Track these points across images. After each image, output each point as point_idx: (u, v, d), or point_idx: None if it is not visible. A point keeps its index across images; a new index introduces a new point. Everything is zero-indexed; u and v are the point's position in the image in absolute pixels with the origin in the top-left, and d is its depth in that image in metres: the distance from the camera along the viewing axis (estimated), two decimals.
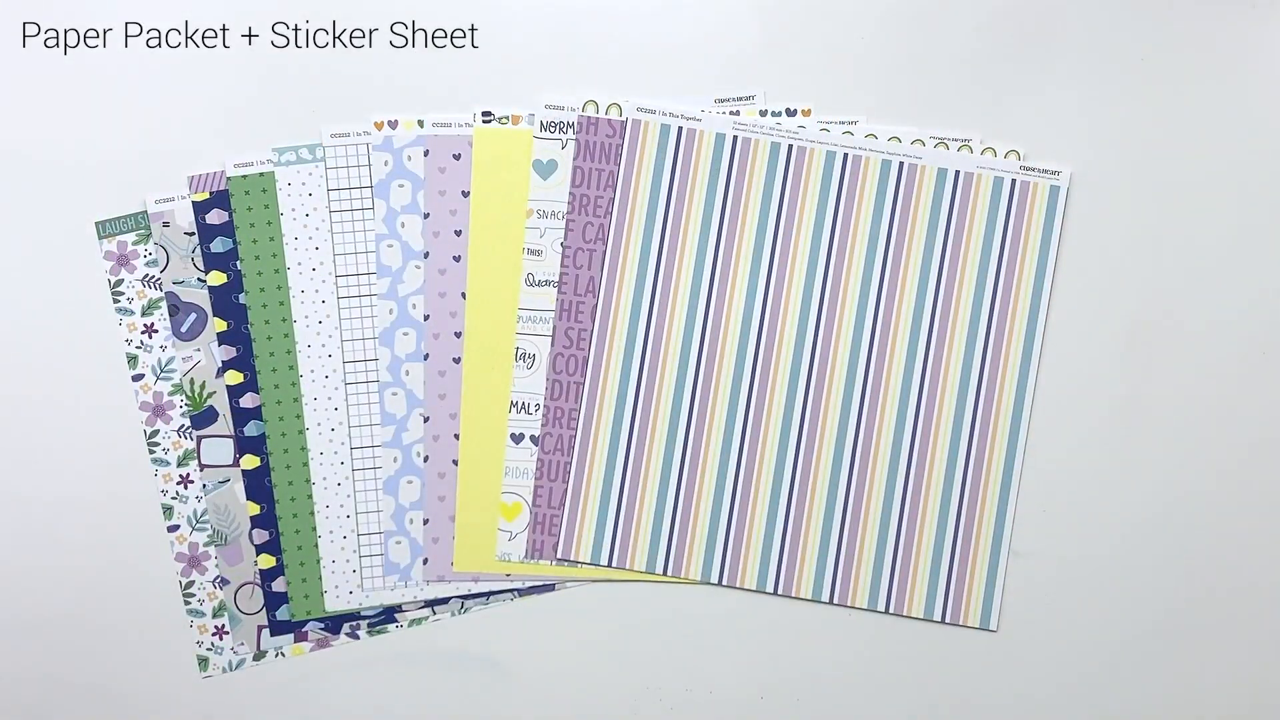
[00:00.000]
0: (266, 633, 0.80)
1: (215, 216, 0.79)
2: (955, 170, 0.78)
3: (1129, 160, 0.79)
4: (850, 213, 0.79)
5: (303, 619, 0.80)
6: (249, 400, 0.79)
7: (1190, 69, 0.79)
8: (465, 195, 0.79)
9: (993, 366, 0.79)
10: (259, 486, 0.80)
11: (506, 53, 0.79)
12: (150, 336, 0.79)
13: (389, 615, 0.80)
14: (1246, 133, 0.79)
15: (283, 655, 0.80)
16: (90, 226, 0.79)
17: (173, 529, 0.80)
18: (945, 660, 0.80)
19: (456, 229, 0.79)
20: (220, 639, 0.80)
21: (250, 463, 0.80)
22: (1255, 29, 0.79)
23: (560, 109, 0.79)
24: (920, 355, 0.79)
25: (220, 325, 0.79)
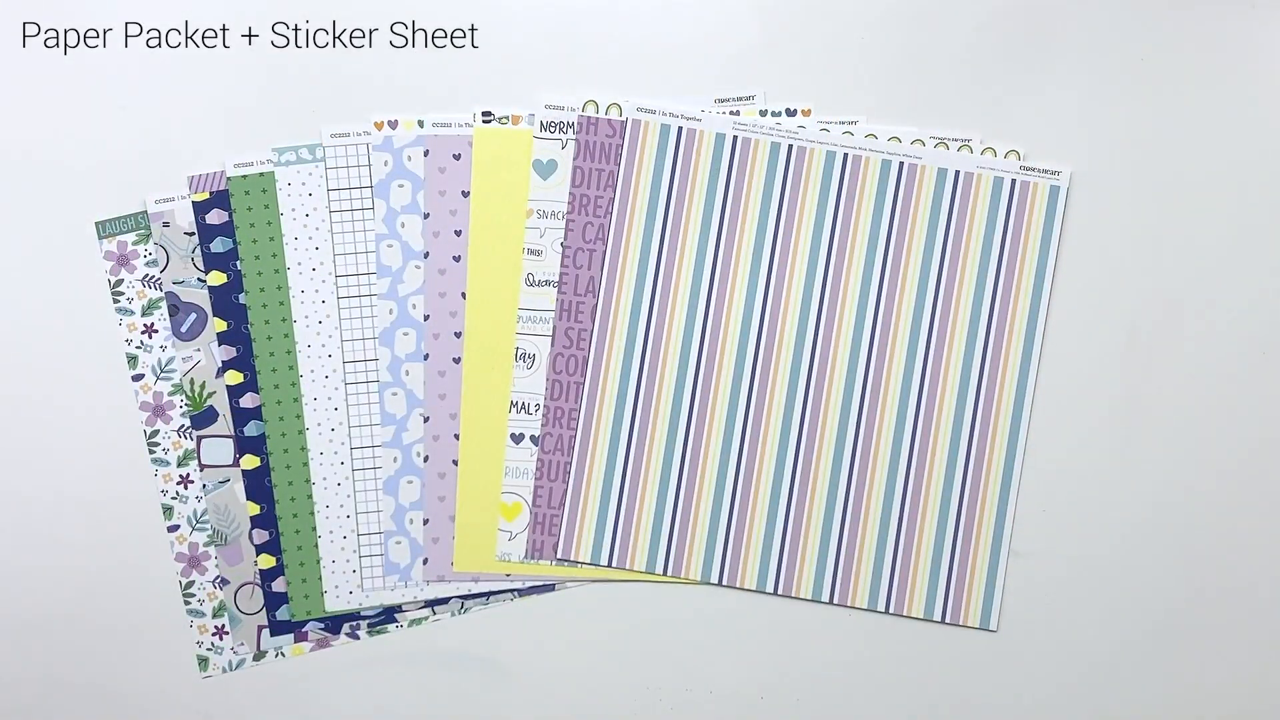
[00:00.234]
0: (266, 633, 0.80)
1: (215, 216, 0.79)
2: (955, 170, 0.78)
3: (1129, 160, 0.79)
4: (850, 213, 0.79)
5: (303, 619, 0.80)
6: (249, 400, 0.79)
7: (1190, 69, 0.79)
8: (465, 195, 0.79)
9: (993, 366, 0.79)
10: (259, 486, 0.80)
11: (506, 53, 0.79)
12: (150, 336, 0.79)
13: (389, 615, 0.80)
14: (1246, 133, 0.79)
15: (283, 655, 0.80)
16: (90, 226, 0.79)
17: (173, 529, 0.80)
18: (945, 660, 0.80)
19: (456, 229, 0.79)
20: (220, 639, 0.80)
21: (250, 463, 0.80)
22: (1255, 29, 0.79)
23: (560, 109, 0.79)
24: (920, 355, 0.79)
25: (220, 325, 0.79)
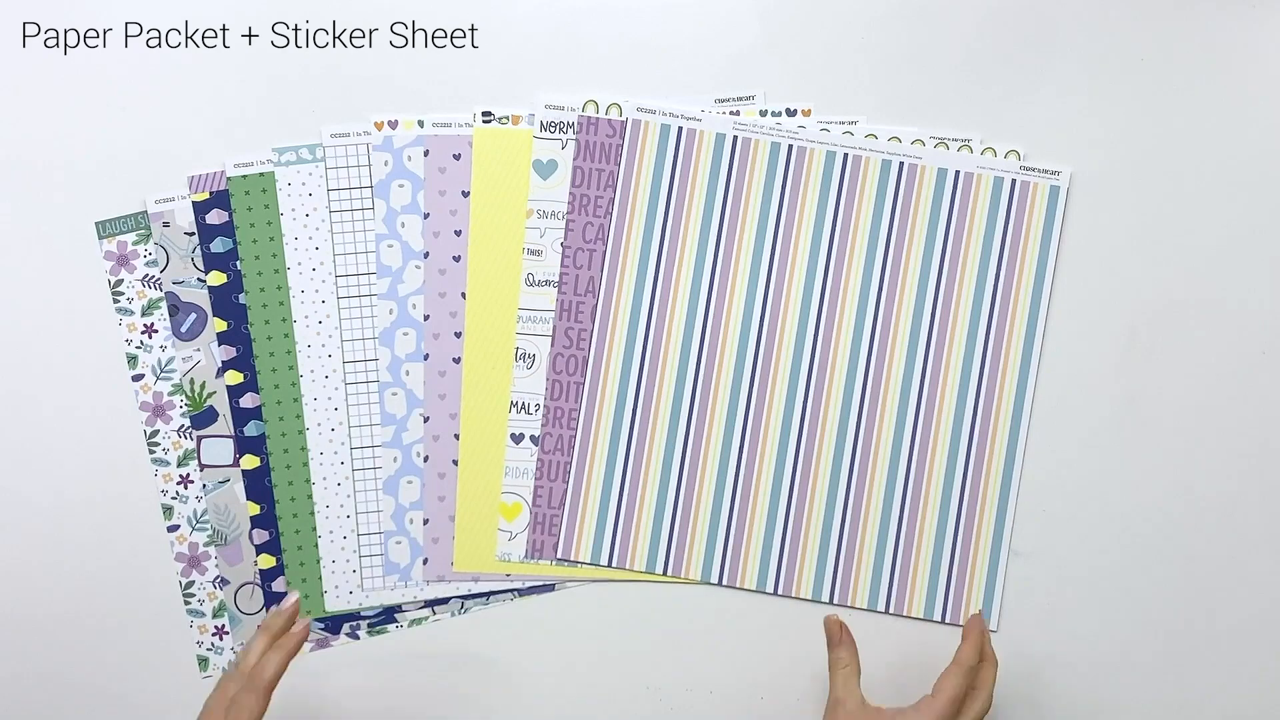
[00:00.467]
0: None
1: (215, 216, 0.79)
2: (955, 170, 0.78)
3: (1128, 160, 0.79)
4: (850, 213, 0.79)
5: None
6: (249, 400, 0.79)
7: (1190, 69, 0.79)
8: (465, 195, 0.79)
9: (993, 366, 0.79)
10: (259, 486, 0.80)
11: (506, 53, 0.79)
12: (150, 336, 0.79)
13: (389, 615, 0.80)
14: (1246, 133, 0.79)
15: None
16: (90, 226, 0.79)
17: (173, 529, 0.80)
18: (945, 660, 0.80)
19: (456, 229, 0.79)
20: (220, 639, 0.80)
21: (250, 463, 0.80)
22: (1255, 29, 0.79)
23: (560, 109, 0.79)
24: (920, 355, 0.79)
25: (220, 325, 0.79)
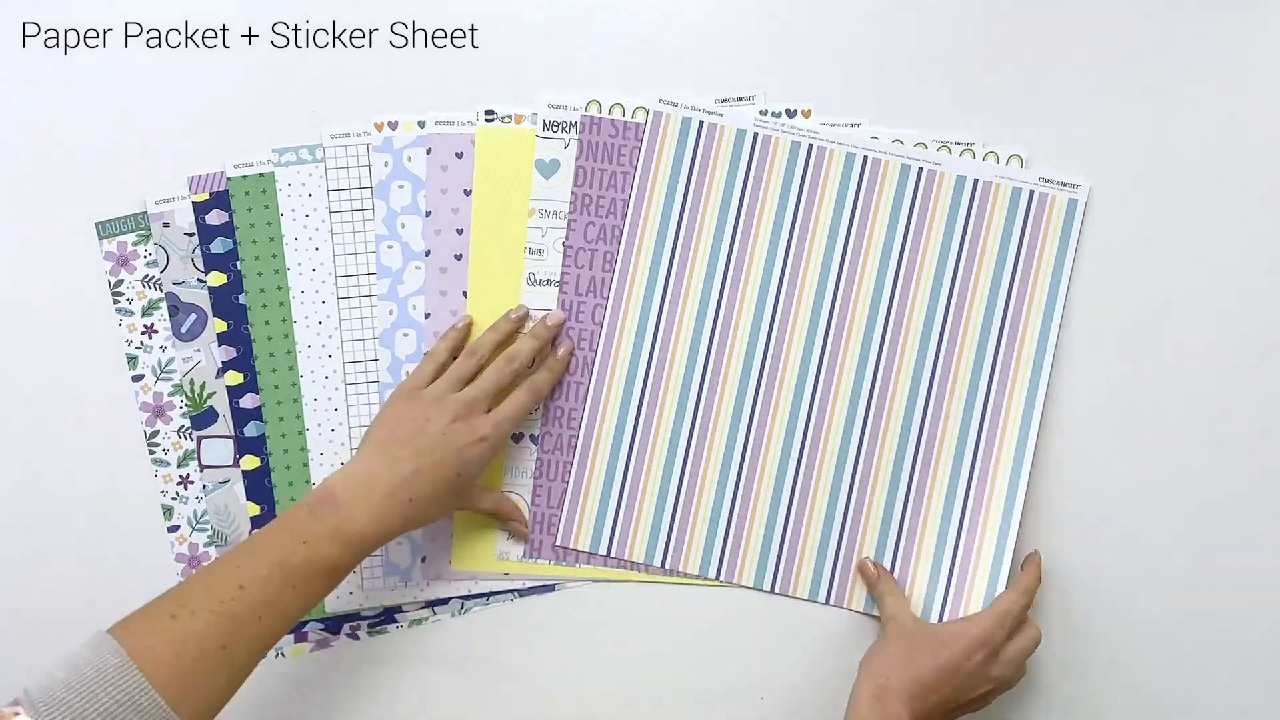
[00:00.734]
0: None
1: (215, 217, 0.79)
2: (974, 178, 0.78)
3: (1131, 162, 0.79)
4: (867, 216, 0.78)
5: (303, 619, 0.80)
6: (249, 401, 0.79)
7: (1191, 71, 0.79)
8: (467, 194, 0.79)
9: (1002, 373, 0.78)
10: (259, 487, 0.80)
11: (506, 53, 0.79)
12: (150, 337, 0.79)
13: (389, 615, 0.80)
14: (1251, 136, 0.79)
15: (283, 655, 0.80)
16: (90, 226, 0.79)
17: (173, 529, 0.80)
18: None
19: (458, 228, 0.79)
20: None
21: (250, 463, 0.80)
22: (1258, 31, 0.79)
23: (563, 109, 0.79)
24: (930, 360, 0.78)
25: (220, 326, 0.79)
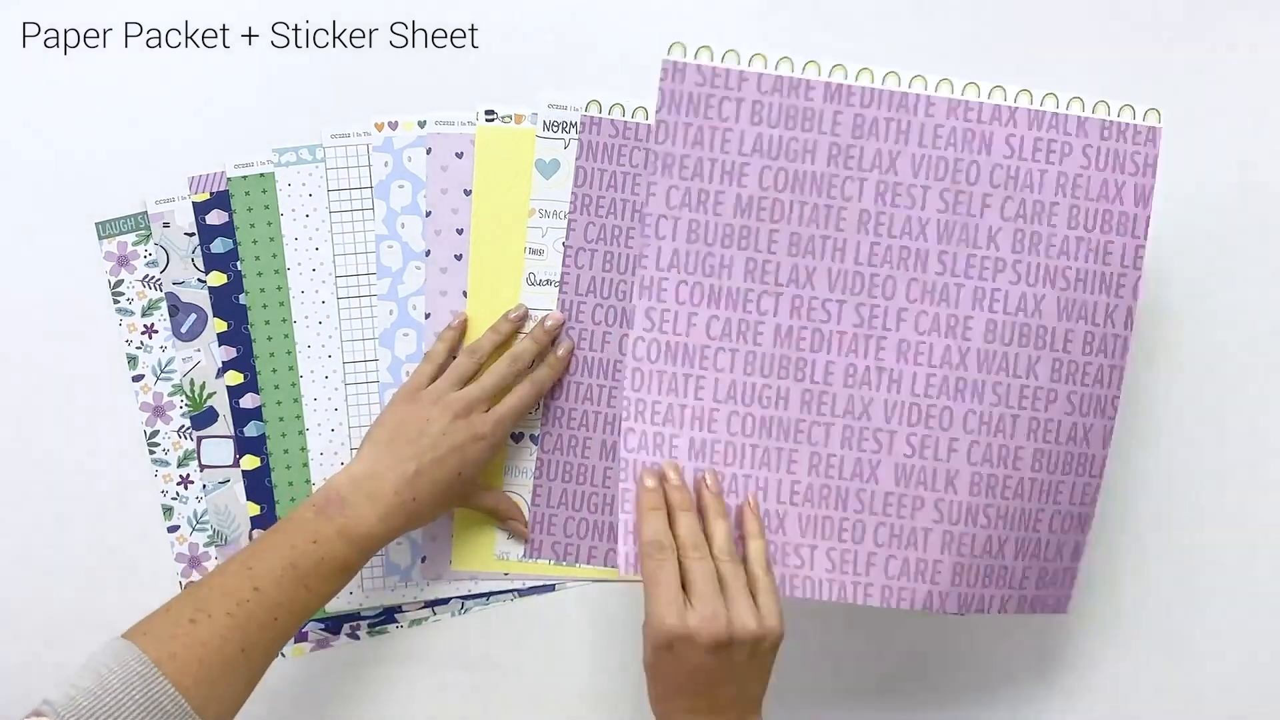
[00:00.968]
0: None
1: (215, 217, 0.79)
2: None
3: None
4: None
5: None
6: (249, 401, 0.79)
7: (1191, 70, 0.79)
8: (467, 194, 0.79)
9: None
10: (259, 487, 0.80)
11: (506, 53, 0.79)
12: (150, 337, 0.79)
13: (389, 615, 0.80)
14: (1249, 134, 0.79)
15: (283, 655, 0.80)
16: (90, 226, 0.79)
17: (173, 529, 0.80)
18: (955, 653, 0.80)
19: (458, 228, 0.79)
20: None
21: (250, 463, 0.80)
22: (1255, 29, 0.79)
23: (563, 109, 0.79)
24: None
25: (220, 326, 0.79)
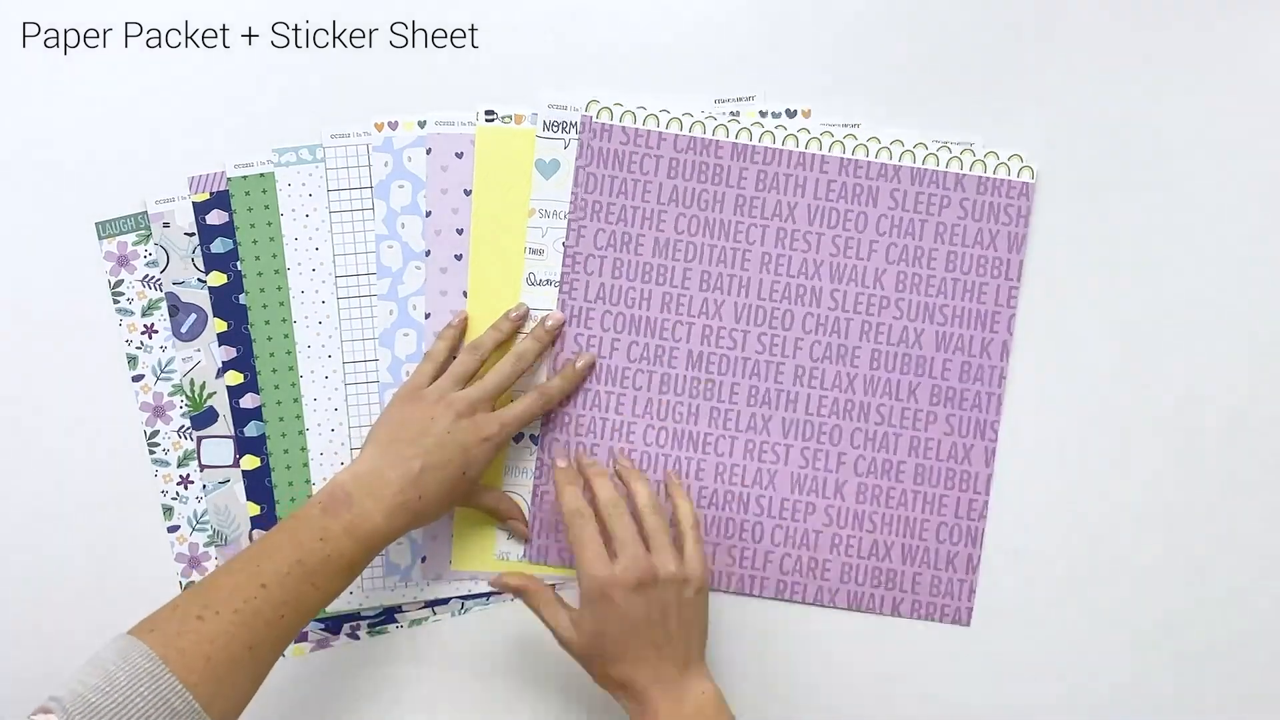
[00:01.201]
0: None
1: (215, 217, 0.79)
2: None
3: (1133, 162, 0.79)
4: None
5: None
6: (249, 401, 0.79)
7: (1190, 69, 0.79)
8: (467, 194, 0.79)
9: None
10: (259, 487, 0.80)
11: (506, 53, 0.79)
12: (150, 337, 0.79)
13: (389, 615, 0.80)
14: (1247, 133, 0.79)
15: (283, 655, 0.80)
16: (90, 226, 0.79)
17: (173, 529, 0.80)
18: (933, 660, 0.80)
19: (458, 228, 0.79)
20: None
21: (250, 463, 0.80)
22: (1255, 29, 0.79)
23: (563, 109, 0.79)
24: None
25: (220, 326, 0.79)
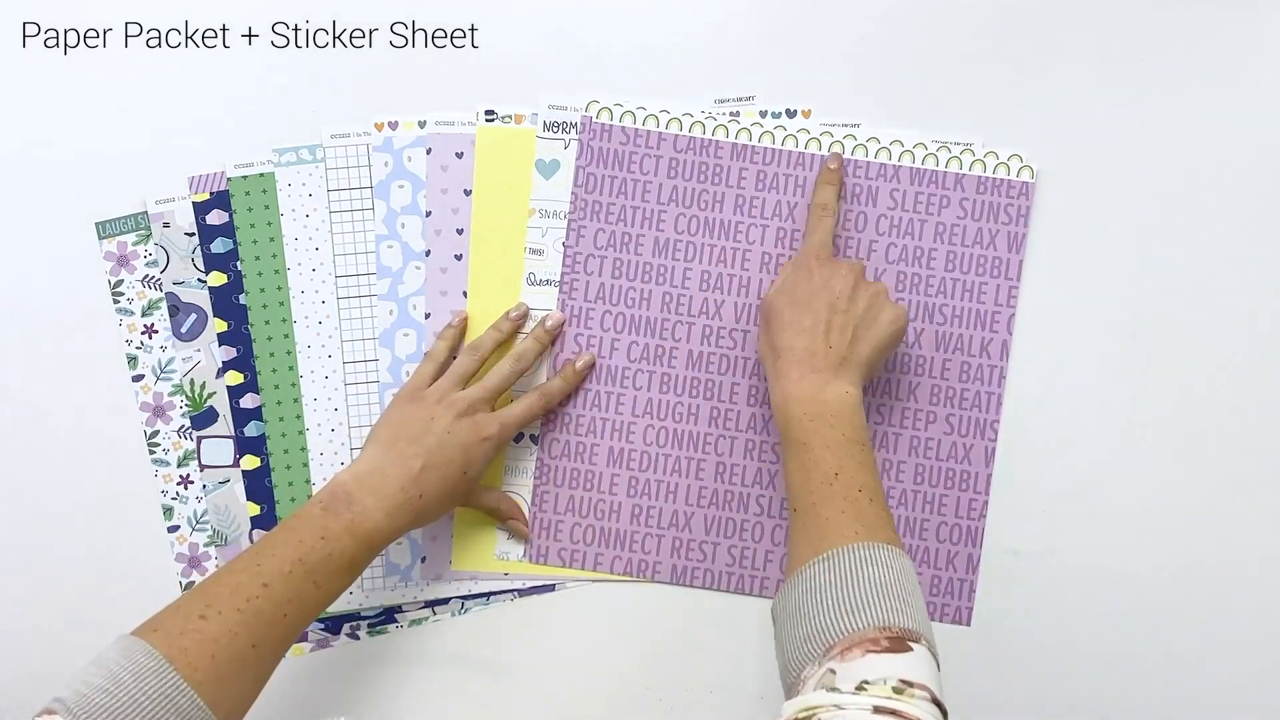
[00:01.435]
0: None
1: (215, 217, 0.79)
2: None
3: (1133, 162, 0.79)
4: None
5: None
6: (249, 401, 0.79)
7: (1190, 69, 0.79)
8: (467, 194, 0.79)
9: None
10: (259, 487, 0.80)
11: (506, 53, 0.79)
12: (150, 337, 0.79)
13: (389, 615, 0.80)
14: (1247, 133, 0.79)
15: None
16: (90, 226, 0.79)
17: (173, 529, 0.80)
18: (943, 659, 0.80)
19: (458, 228, 0.79)
20: None
21: (250, 463, 0.80)
22: (1255, 29, 0.79)
23: (563, 109, 0.79)
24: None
25: (220, 326, 0.79)
